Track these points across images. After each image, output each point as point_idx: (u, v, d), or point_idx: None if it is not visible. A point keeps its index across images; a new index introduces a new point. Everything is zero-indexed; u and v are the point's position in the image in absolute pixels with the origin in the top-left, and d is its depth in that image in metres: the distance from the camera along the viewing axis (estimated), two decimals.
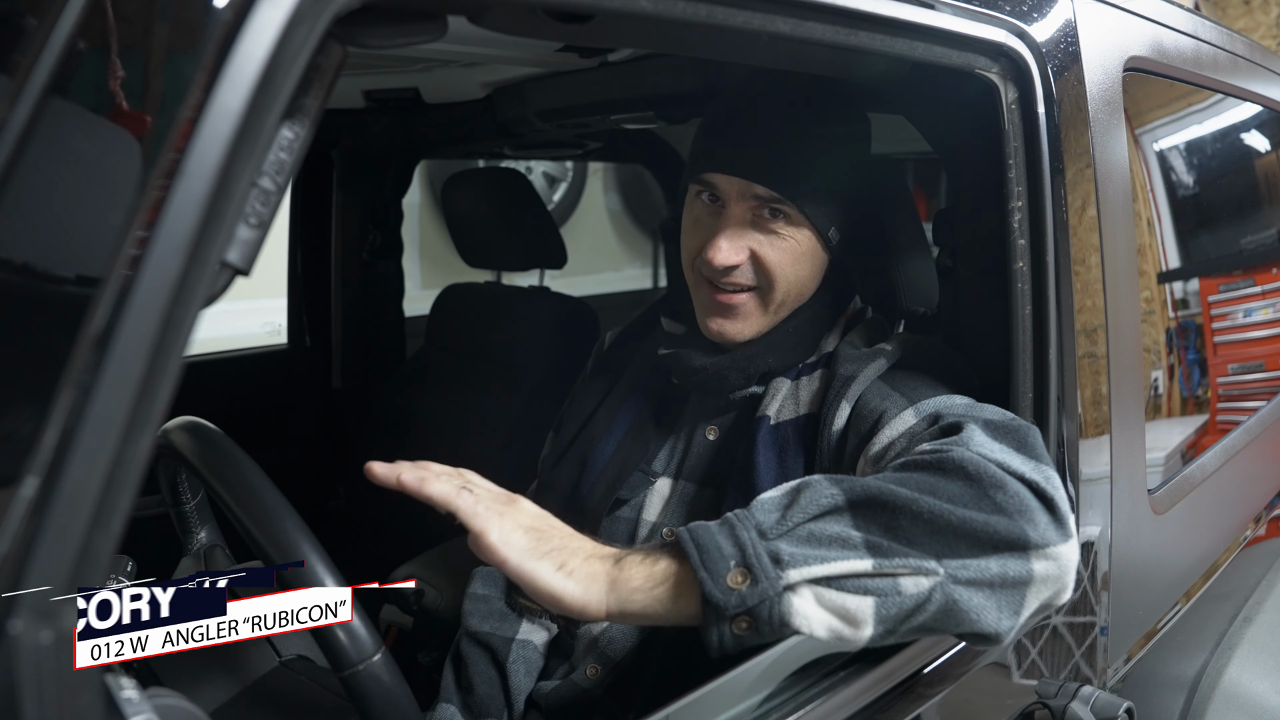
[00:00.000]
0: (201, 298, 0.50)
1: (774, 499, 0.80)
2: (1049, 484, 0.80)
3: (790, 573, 0.73)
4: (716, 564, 0.74)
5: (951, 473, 0.79)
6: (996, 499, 0.77)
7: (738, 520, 0.77)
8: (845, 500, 0.77)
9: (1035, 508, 0.78)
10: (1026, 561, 0.76)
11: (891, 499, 0.76)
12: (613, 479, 1.15)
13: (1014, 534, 0.76)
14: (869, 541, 0.75)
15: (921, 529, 0.75)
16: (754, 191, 1.05)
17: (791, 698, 0.87)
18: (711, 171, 1.08)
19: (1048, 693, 1.03)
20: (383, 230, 2.22)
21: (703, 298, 1.11)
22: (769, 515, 0.77)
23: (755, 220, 1.07)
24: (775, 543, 0.75)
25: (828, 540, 0.75)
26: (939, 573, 0.74)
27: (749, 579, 0.73)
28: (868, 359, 1.04)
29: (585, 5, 0.71)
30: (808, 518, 0.76)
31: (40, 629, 0.46)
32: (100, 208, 0.49)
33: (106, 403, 0.47)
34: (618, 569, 0.77)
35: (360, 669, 0.80)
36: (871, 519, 0.76)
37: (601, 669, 1.10)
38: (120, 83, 0.50)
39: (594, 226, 4.87)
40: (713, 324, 1.11)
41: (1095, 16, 1.16)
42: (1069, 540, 0.78)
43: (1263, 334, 1.89)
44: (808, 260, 1.09)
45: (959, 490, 0.77)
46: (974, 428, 0.85)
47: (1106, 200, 1.15)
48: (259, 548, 0.83)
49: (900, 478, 0.79)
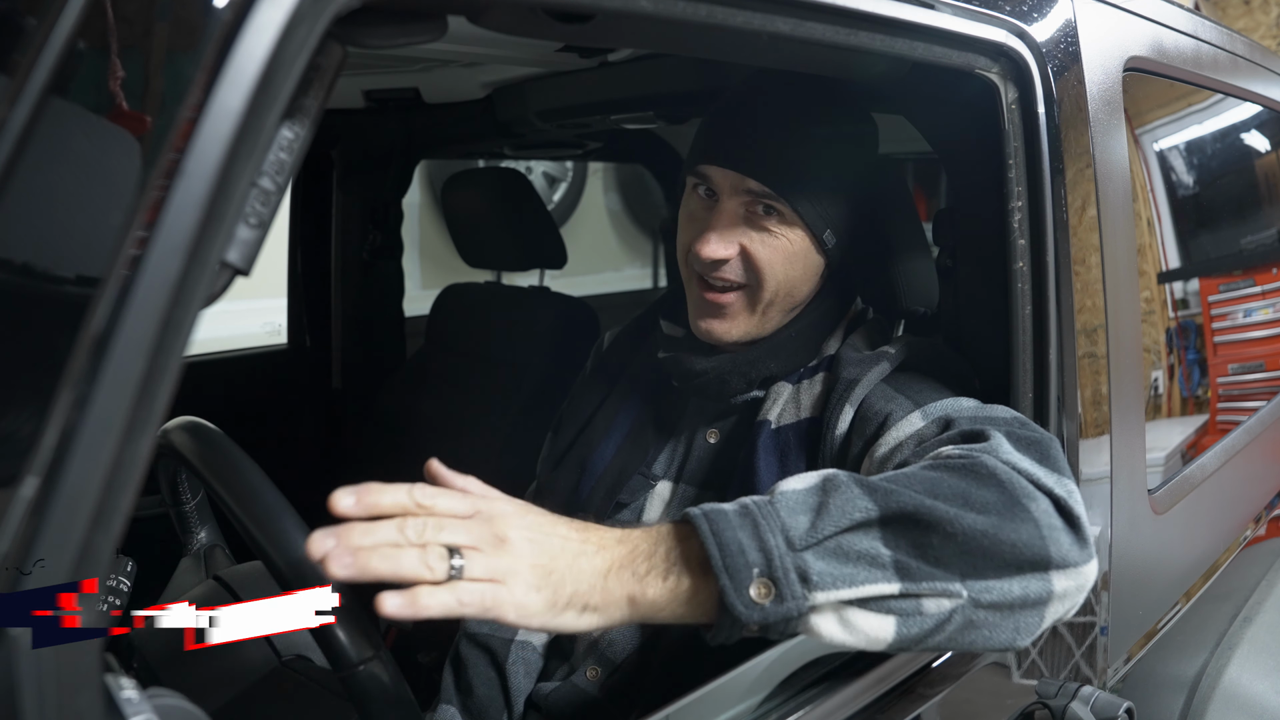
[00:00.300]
0: (201, 298, 0.50)
1: (800, 496, 0.74)
2: (1071, 499, 0.78)
3: (818, 595, 0.70)
4: (740, 570, 0.69)
5: (985, 479, 0.76)
6: (1030, 509, 0.75)
7: (762, 518, 0.72)
8: (879, 514, 0.73)
9: (1059, 526, 0.76)
10: (1048, 582, 0.75)
11: (926, 516, 0.73)
12: (612, 482, 1.15)
13: (1039, 553, 0.74)
14: (898, 562, 0.72)
15: (951, 549, 0.73)
16: (747, 186, 1.05)
17: (791, 698, 0.87)
18: (707, 164, 1.07)
19: (1048, 693, 1.03)
20: (383, 230, 2.22)
21: (694, 296, 1.11)
22: (797, 519, 0.72)
23: (748, 216, 1.06)
24: (803, 555, 0.71)
25: (856, 557, 0.72)
26: (962, 595, 0.73)
27: (773, 594, 0.69)
28: (870, 362, 1.04)
29: (585, 5, 0.71)
30: (839, 529, 0.72)
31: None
32: (100, 208, 0.49)
33: (106, 403, 0.47)
34: (636, 583, 0.70)
35: (360, 669, 0.80)
36: (902, 535, 0.73)
37: (601, 671, 1.10)
38: (120, 83, 0.50)
39: (594, 226, 4.88)
40: (701, 323, 1.10)
41: (1095, 16, 1.16)
42: (1090, 561, 0.77)
43: (1263, 334, 1.89)
44: (799, 261, 1.08)
45: (992, 498, 0.75)
46: (1000, 436, 0.83)
47: (1106, 200, 1.15)
48: (259, 548, 0.83)
49: (931, 479, 0.76)
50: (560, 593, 0.67)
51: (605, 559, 0.70)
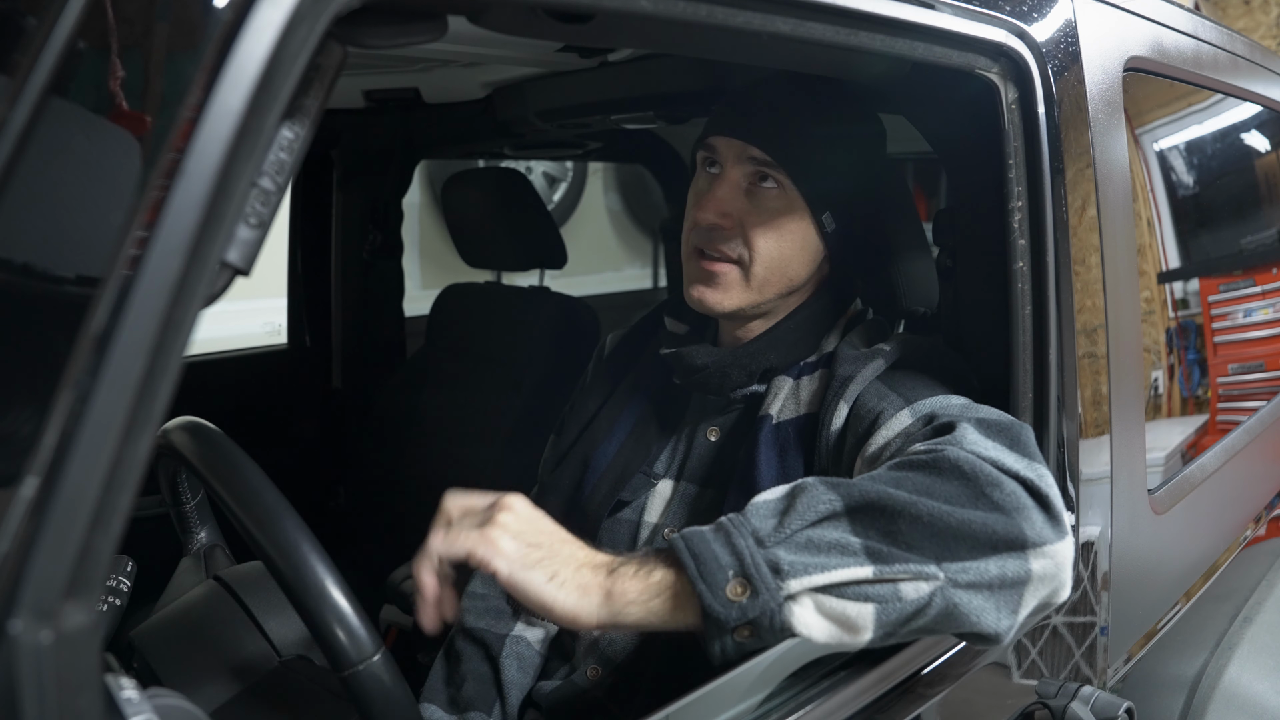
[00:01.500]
0: (201, 298, 0.50)
1: (769, 503, 0.78)
2: (1042, 481, 0.80)
3: (791, 583, 0.72)
4: (714, 575, 0.73)
5: (947, 472, 0.78)
6: (993, 497, 0.77)
7: (733, 527, 0.76)
8: (843, 505, 0.76)
9: (1030, 506, 0.77)
10: (1025, 561, 0.76)
11: (890, 503, 0.75)
12: (614, 480, 1.15)
13: (1011, 533, 0.76)
14: (869, 547, 0.74)
15: (921, 532, 0.75)
16: (750, 154, 1.06)
17: (791, 698, 0.87)
18: (713, 134, 1.10)
19: (1048, 693, 1.03)
20: (383, 230, 2.22)
21: (690, 269, 1.12)
22: (765, 521, 0.76)
23: (749, 189, 1.08)
24: (774, 550, 0.74)
25: (827, 547, 0.74)
26: (939, 577, 0.74)
27: (749, 590, 0.72)
28: (866, 359, 1.04)
29: (585, 5, 0.71)
30: (806, 524, 0.75)
31: (40, 629, 0.46)
32: (100, 208, 0.49)
33: (106, 403, 0.47)
34: (611, 580, 0.76)
35: (360, 669, 0.79)
36: (870, 524, 0.75)
37: (602, 670, 1.10)
38: (120, 83, 0.50)
39: (594, 226, 4.88)
40: (694, 291, 1.10)
41: (1095, 16, 1.16)
42: (1065, 538, 0.78)
43: (1263, 334, 1.89)
44: (796, 239, 1.08)
45: (955, 490, 0.77)
46: (967, 426, 0.85)
47: (1106, 200, 1.15)
48: (259, 548, 0.83)
49: (895, 477, 0.79)
50: (533, 554, 0.75)
51: (588, 555, 0.78)
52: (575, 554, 0.77)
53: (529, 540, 0.76)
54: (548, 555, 0.76)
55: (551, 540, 0.77)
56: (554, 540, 0.77)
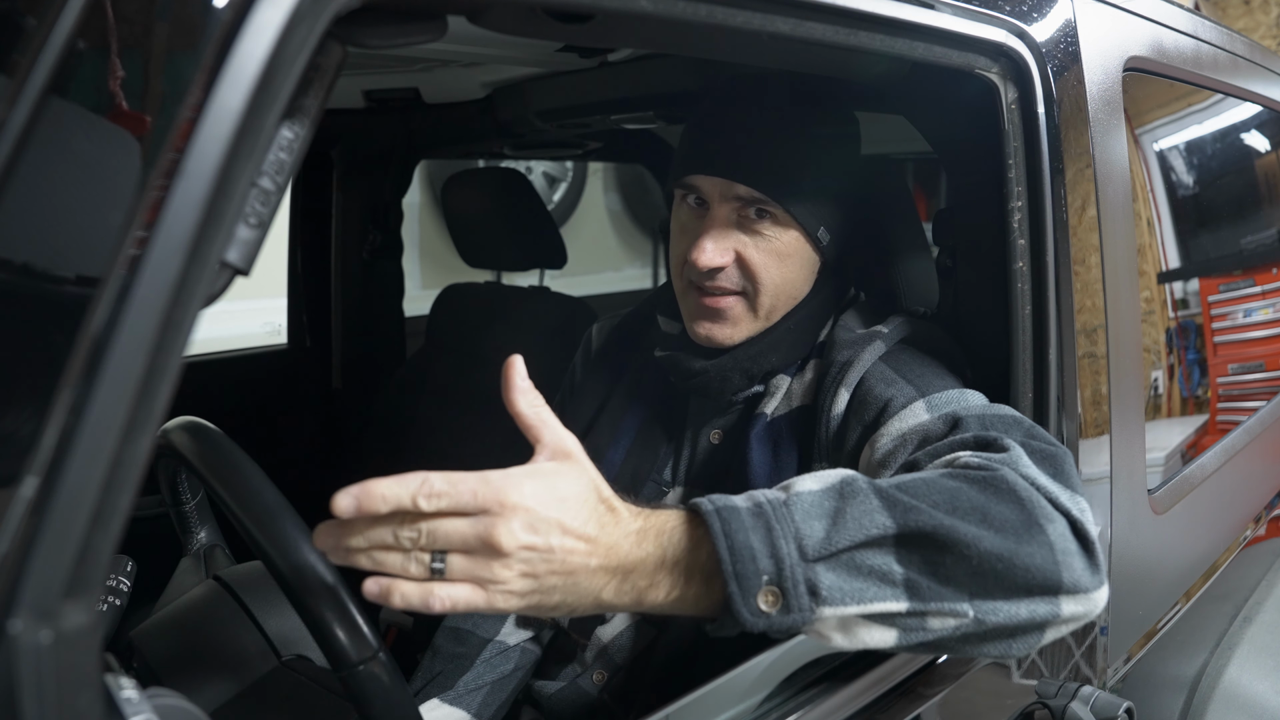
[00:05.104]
0: (201, 298, 0.50)
1: (816, 499, 0.72)
2: (1085, 519, 0.77)
3: (825, 610, 0.69)
4: (749, 577, 0.68)
5: (1004, 494, 0.75)
6: (1047, 531, 0.74)
7: (776, 520, 0.70)
8: (896, 531, 0.71)
9: (1075, 551, 0.75)
10: (1056, 605, 0.74)
11: (944, 538, 0.71)
12: (625, 488, 1.14)
13: (1051, 578, 0.73)
14: (909, 580, 0.71)
15: (964, 569, 0.71)
16: (736, 192, 1.04)
17: (791, 697, 0.87)
18: (693, 174, 1.06)
19: (1048, 693, 1.03)
20: (383, 230, 2.22)
21: (690, 304, 1.09)
22: (812, 526, 0.70)
23: (741, 221, 1.05)
24: (815, 567, 0.69)
25: (868, 573, 0.70)
26: (968, 615, 0.72)
27: (780, 604, 0.68)
28: (864, 342, 1.02)
29: (585, 5, 0.71)
30: (854, 543, 0.70)
31: (40, 629, 0.46)
32: (100, 208, 0.49)
33: (106, 403, 0.47)
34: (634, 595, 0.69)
35: (360, 669, 0.79)
36: (916, 552, 0.71)
37: (608, 675, 1.10)
38: (120, 83, 0.50)
39: (594, 226, 4.88)
40: (700, 329, 1.08)
41: (1095, 16, 1.16)
42: (1101, 588, 0.76)
43: (1263, 334, 1.89)
44: (796, 261, 1.07)
45: (1011, 515, 0.73)
46: (1018, 449, 0.81)
47: (1106, 200, 1.15)
48: (259, 548, 0.83)
49: (951, 490, 0.74)
50: (546, 602, 0.67)
51: (606, 577, 0.68)
52: (589, 584, 0.68)
53: (533, 579, 0.66)
54: (554, 591, 0.67)
55: (559, 569, 0.66)
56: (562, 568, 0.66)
